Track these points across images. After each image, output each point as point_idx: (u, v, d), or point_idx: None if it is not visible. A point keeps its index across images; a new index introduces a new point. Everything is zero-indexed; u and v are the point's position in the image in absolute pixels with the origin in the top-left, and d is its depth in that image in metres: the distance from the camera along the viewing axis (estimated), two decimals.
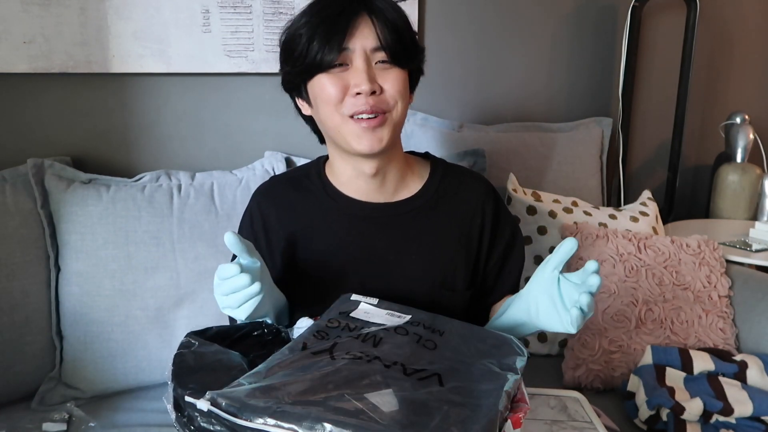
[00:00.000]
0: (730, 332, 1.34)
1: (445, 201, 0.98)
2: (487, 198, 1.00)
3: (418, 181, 0.99)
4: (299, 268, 0.97)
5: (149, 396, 1.26)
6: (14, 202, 1.24)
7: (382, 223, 0.95)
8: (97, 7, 1.38)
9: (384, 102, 0.87)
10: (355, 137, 0.87)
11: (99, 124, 1.46)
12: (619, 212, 1.54)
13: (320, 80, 0.87)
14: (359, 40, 0.85)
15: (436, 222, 0.97)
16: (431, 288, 0.95)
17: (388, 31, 0.86)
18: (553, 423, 0.83)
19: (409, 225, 0.96)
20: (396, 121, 0.89)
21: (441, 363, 0.69)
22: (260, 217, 0.99)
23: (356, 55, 0.85)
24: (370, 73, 0.85)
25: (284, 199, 0.99)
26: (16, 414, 1.18)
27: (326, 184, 0.98)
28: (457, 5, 1.69)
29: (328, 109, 0.87)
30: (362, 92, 0.84)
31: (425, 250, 0.96)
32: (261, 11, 1.50)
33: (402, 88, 0.88)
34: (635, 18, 1.79)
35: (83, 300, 1.24)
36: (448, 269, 0.96)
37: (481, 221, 0.99)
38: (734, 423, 1.09)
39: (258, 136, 1.57)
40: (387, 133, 0.88)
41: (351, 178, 0.95)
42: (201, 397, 0.58)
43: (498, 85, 1.79)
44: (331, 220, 0.96)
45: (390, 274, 0.95)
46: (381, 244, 0.95)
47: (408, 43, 0.89)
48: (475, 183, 1.01)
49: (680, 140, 1.83)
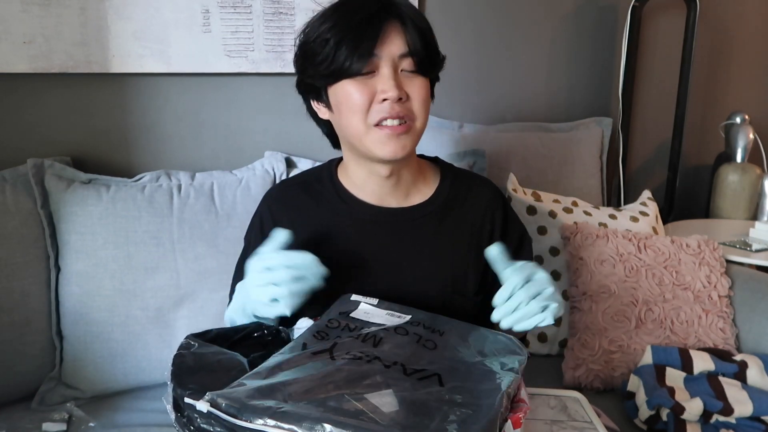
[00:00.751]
0: (730, 332, 1.34)
1: (456, 207, 0.99)
2: (496, 205, 1.01)
3: (430, 186, 1.00)
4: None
5: (149, 396, 1.26)
6: (14, 202, 1.24)
7: (394, 227, 0.96)
8: (97, 7, 1.38)
9: (409, 110, 0.87)
10: (379, 144, 0.87)
11: (99, 124, 1.46)
12: (619, 212, 1.54)
13: (345, 86, 0.86)
14: (388, 46, 0.85)
15: (446, 227, 0.97)
16: (443, 292, 0.96)
17: (418, 38, 0.86)
18: (553, 423, 0.83)
19: (421, 230, 0.96)
20: (419, 130, 0.90)
21: (441, 363, 0.69)
22: (271, 221, 0.98)
23: (383, 62, 0.85)
24: (397, 80, 0.85)
25: (296, 203, 0.99)
26: (16, 414, 1.18)
27: (339, 188, 0.98)
28: (457, 5, 1.69)
29: (353, 116, 0.87)
30: (389, 98, 0.84)
31: (437, 255, 0.96)
32: (261, 11, 1.50)
33: (426, 97, 0.89)
34: (635, 18, 1.79)
35: (83, 300, 1.24)
36: (459, 274, 0.97)
37: (491, 227, 1.00)
38: (734, 423, 1.09)
39: (258, 136, 1.57)
40: (410, 141, 0.89)
41: (365, 181, 0.95)
42: (200, 398, 0.58)
43: (498, 85, 1.79)
44: (344, 223, 0.96)
45: (402, 279, 0.95)
46: (393, 249, 0.95)
47: (433, 51, 0.89)
48: (484, 189, 1.02)
49: (680, 140, 1.83)
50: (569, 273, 1.40)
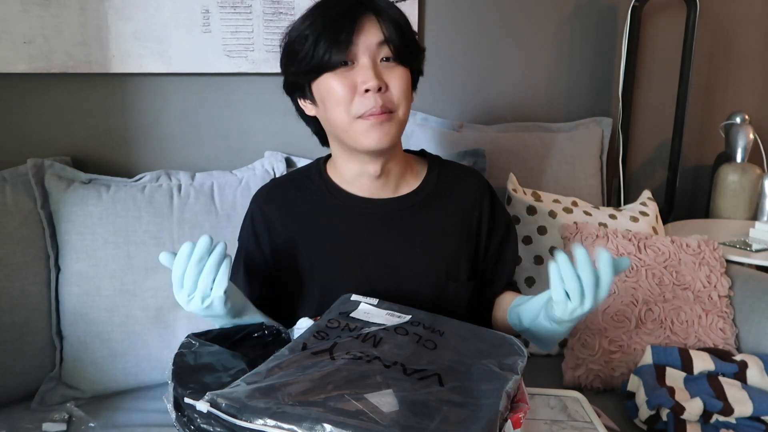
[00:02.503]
0: (730, 332, 1.34)
1: (444, 196, 1.01)
2: (483, 194, 1.03)
3: (418, 177, 1.02)
4: (304, 267, 0.98)
5: (149, 396, 1.26)
6: (14, 202, 1.24)
7: (385, 218, 0.97)
8: (97, 7, 1.38)
9: (390, 100, 0.88)
10: (363, 133, 0.88)
11: (99, 124, 1.46)
12: (619, 212, 1.54)
13: (327, 80, 0.88)
14: (364, 37, 0.87)
15: (436, 215, 0.99)
16: (437, 279, 0.98)
17: (393, 28, 0.88)
18: (553, 423, 0.83)
19: (412, 219, 0.98)
20: (401, 119, 0.91)
21: (441, 363, 0.69)
22: (262, 219, 1.00)
23: (362, 53, 0.87)
24: (376, 69, 0.87)
25: (286, 200, 1.00)
26: (16, 414, 1.18)
27: (328, 183, 0.99)
28: (457, 5, 1.69)
29: (337, 108, 0.88)
30: (370, 89, 0.86)
31: (429, 243, 0.98)
32: (261, 11, 1.50)
33: (406, 86, 0.90)
34: (635, 18, 1.79)
35: (83, 300, 1.24)
36: (452, 260, 0.99)
37: (479, 215, 1.02)
38: (734, 423, 1.09)
39: (258, 136, 1.57)
40: (394, 129, 0.90)
41: (355, 177, 0.97)
42: (200, 398, 0.58)
43: (498, 85, 1.79)
44: (335, 217, 0.97)
45: (396, 267, 0.96)
46: (385, 239, 0.97)
47: (410, 41, 0.91)
48: (471, 179, 1.05)
49: (680, 140, 1.83)
50: None
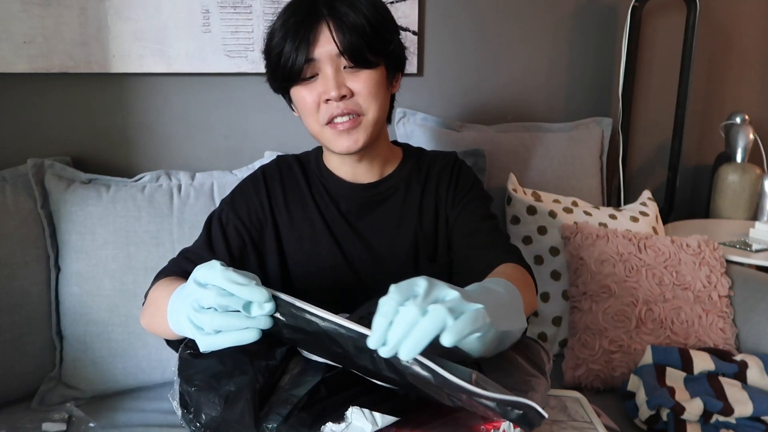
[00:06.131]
0: (730, 332, 1.34)
1: (420, 178, 1.03)
2: (453, 165, 1.05)
3: (398, 165, 1.05)
4: (292, 243, 1.01)
5: (149, 396, 1.26)
6: (14, 202, 1.24)
7: (365, 201, 1.01)
8: (97, 7, 1.38)
9: (356, 105, 0.89)
10: (333, 140, 0.92)
11: (99, 124, 1.45)
12: (619, 212, 1.54)
13: (298, 91, 0.91)
14: (322, 47, 0.87)
15: (412, 198, 1.02)
16: (414, 259, 1.01)
17: (346, 34, 0.85)
18: (553, 423, 0.83)
19: (388, 201, 1.01)
20: (372, 121, 0.91)
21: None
22: (263, 185, 1.02)
23: (323, 63, 0.87)
24: (337, 79, 0.87)
25: (289, 175, 1.04)
26: (16, 414, 1.18)
27: (321, 167, 1.04)
28: (457, 5, 1.69)
29: (308, 117, 0.93)
30: (331, 98, 0.87)
31: (405, 224, 1.01)
32: (261, 11, 1.50)
33: (373, 89, 0.89)
34: (635, 18, 1.78)
35: (83, 300, 1.24)
36: (430, 240, 1.02)
37: (447, 184, 1.03)
38: (734, 423, 1.09)
39: (258, 136, 1.57)
40: (363, 135, 0.91)
41: (339, 164, 1.01)
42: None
43: (498, 85, 1.79)
44: (323, 199, 1.02)
45: (376, 247, 1.00)
46: (366, 220, 1.01)
47: (372, 41, 0.87)
48: (444, 159, 1.06)
49: (680, 140, 1.83)
50: (569, 273, 1.40)
